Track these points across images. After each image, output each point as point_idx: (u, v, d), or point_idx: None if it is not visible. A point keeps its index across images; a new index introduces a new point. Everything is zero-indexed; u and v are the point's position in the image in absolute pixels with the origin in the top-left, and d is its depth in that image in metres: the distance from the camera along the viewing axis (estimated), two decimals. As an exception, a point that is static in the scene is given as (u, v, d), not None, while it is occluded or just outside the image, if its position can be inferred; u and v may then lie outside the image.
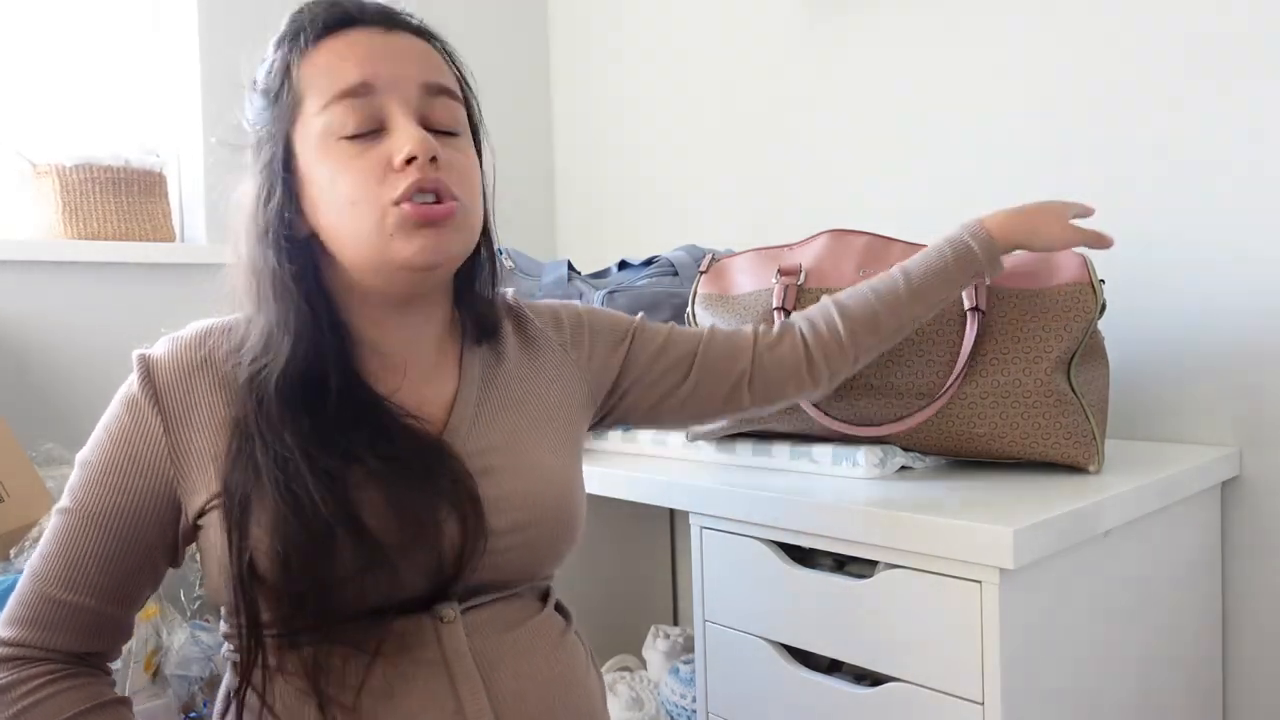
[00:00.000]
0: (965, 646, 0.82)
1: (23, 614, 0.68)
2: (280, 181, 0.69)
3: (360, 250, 0.68)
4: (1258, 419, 1.16)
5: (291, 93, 0.69)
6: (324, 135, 0.68)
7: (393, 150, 0.67)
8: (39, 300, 1.49)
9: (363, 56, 0.68)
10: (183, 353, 0.71)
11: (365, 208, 0.67)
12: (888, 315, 0.92)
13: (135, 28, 1.69)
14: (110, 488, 0.69)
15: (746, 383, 0.91)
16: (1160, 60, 1.22)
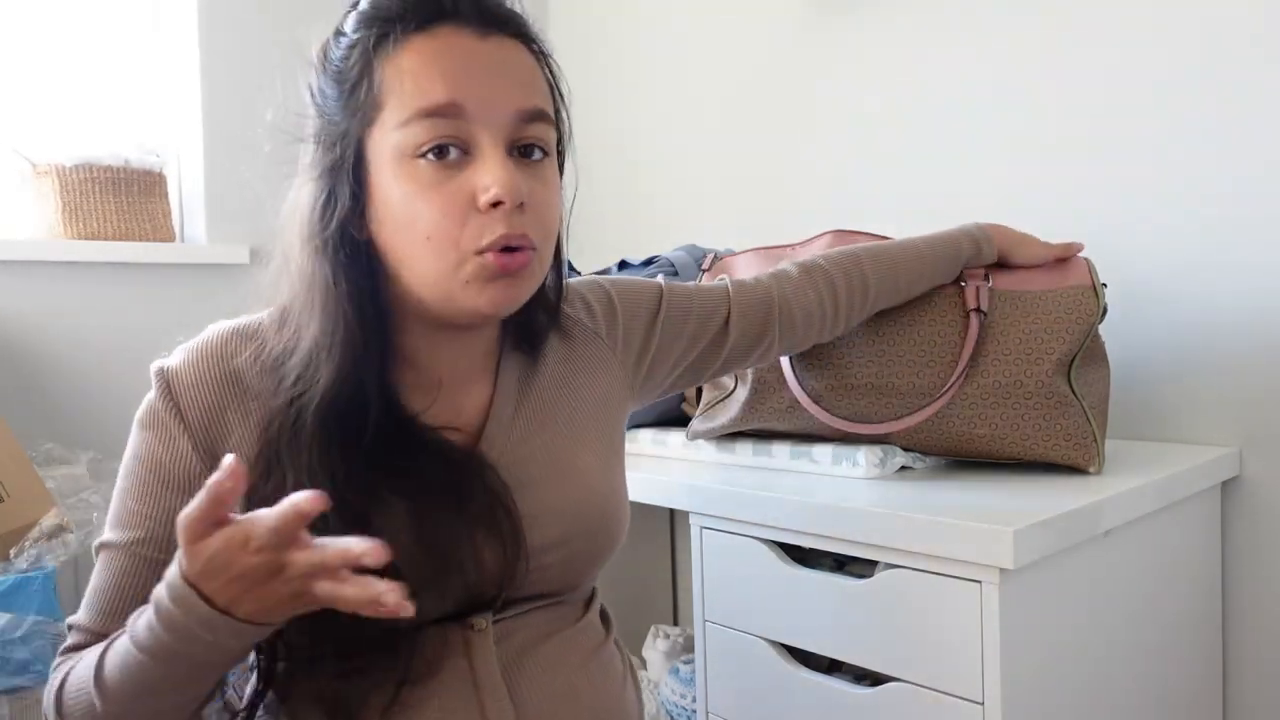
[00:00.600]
0: (965, 646, 0.82)
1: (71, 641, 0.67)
2: (349, 189, 0.63)
3: (428, 285, 0.64)
4: (1258, 419, 1.16)
5: (372, 92, 0.62)
6: (402, 151, 0.62)
7: (477, 185, 0.61)
8: (39, 300, 1.49)
9: (454, 70, 0.61)
10: (203, 362, 0.66)
11: (443, 248, 0.62)
12: (904, 284, 0.99)
13: (135, 28, 1.69)
14: (146, 516, 0.65)
15: (776, 337, 0.92)
16: (1160, 63, 1.22)
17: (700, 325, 0.87)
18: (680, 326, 0.86)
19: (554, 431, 0.74)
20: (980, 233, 1.04)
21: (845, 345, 1.05)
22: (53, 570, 1.15)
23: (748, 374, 1.10)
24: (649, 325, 0.85)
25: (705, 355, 0.89)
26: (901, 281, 0.99)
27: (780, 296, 0.92)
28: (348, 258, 0.64)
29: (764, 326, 0.91)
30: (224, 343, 0.67)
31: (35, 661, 1.10)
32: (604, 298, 0.84)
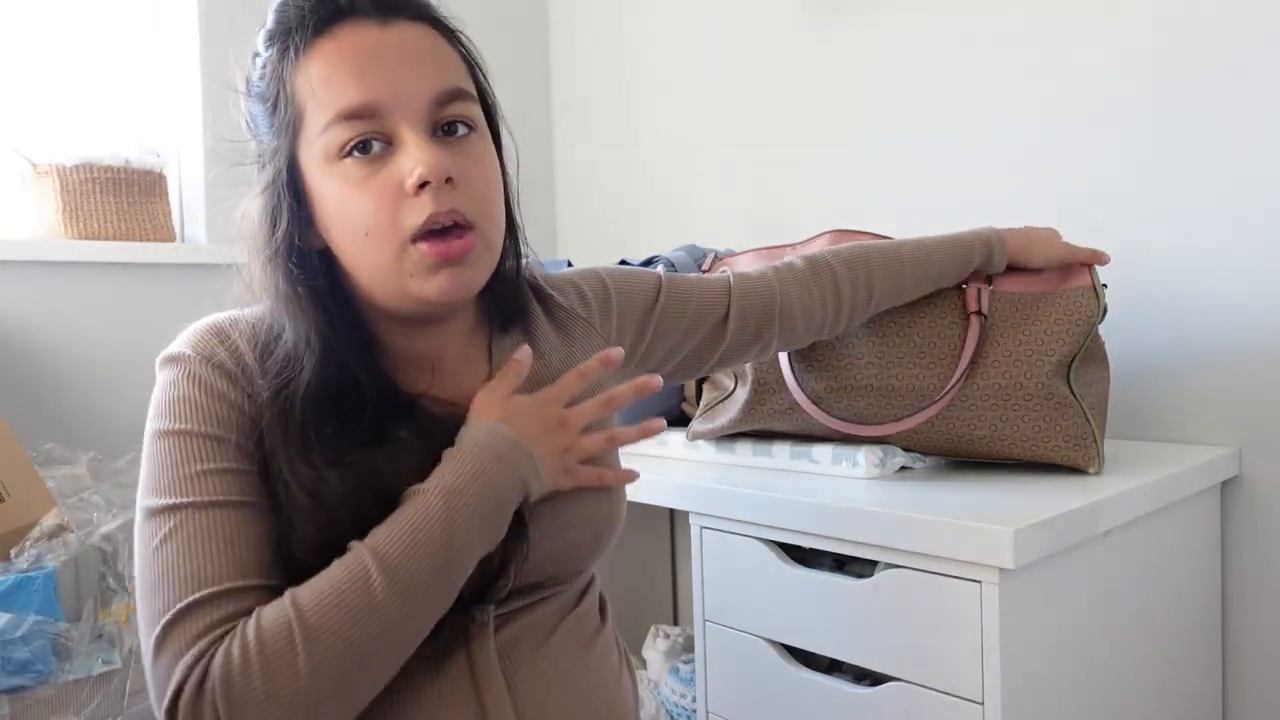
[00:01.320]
0: (965, 646, 0.82)
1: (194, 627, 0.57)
2: (287, 203, 0.64)
3: (377, 281, 0.64)
4: (1258, 419, 1.16)
5: (290, 106, 0.63)
6: (328, 155, 0.62)
7: (403, 171, 0.61)
8: (39, 300, 1.49)
9: (362, 66, 0.61)
10: (208, 334, 0.67)
11: (381, 240, 0.62)
12: (909, 288, 1.00)
13: (135, 28, 1.69)
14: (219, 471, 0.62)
15: (775, 334, 0.92)
16: (1160, 64, 1.22)
17: (698, 318, 0.87)
18: (678, 318, 0.86)
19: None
20: (996, 239, 1.02)
21: (845, 346, 1.05)
22: (53, 570, 1.14)
23: (748, 375, 1.10)
24: (645, 315, 0.85)
25: (702, 348, 0.89)
26: (907, 284, 0.99)
27: (782, 293, 0.91)
28: (298, 268, 0.64)
29: (763, 322, 0.91)
30: (217, 323, 0.69)
31: (35, 661, 1.10)
32: (599, 287, 0.83)
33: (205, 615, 0.57)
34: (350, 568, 0.58)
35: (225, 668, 0.55)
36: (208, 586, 0.58)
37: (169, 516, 0.60)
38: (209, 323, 0.69)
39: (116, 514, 1.25)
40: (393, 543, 0.59)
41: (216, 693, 0.54)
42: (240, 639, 0.56)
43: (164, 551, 0.59)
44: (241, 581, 0.59)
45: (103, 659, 1.18)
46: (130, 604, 1.24)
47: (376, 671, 0.59)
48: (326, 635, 0.56)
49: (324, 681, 0.55)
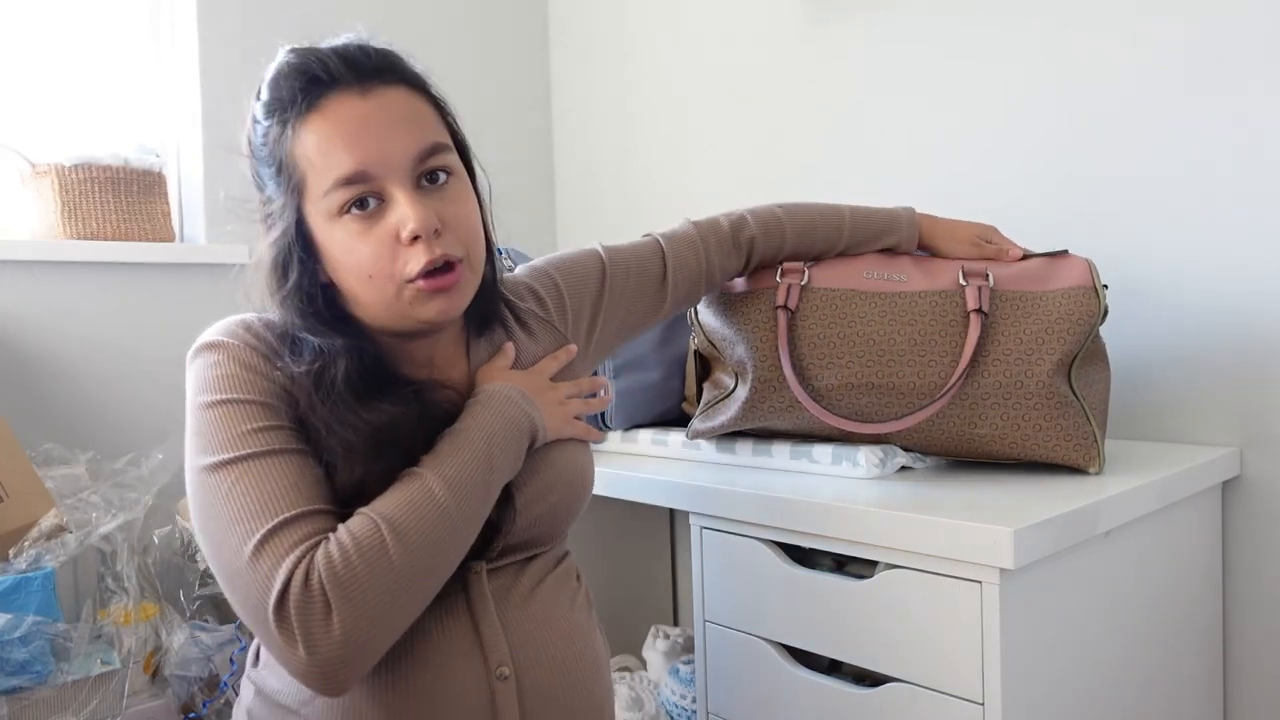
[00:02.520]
0: (965, 646, 0.82)
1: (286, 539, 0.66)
2: (298, 254, 0.73)
3: (380, 314, 0.75)
4: (1258, 419, 1.16)
5: (294, 172, 0.73)
6: (330, 213, 0.72)
7: (398, 225, 0.71)
8: (39, 300, 1.49)
9: (350, 136, 0.71)
10: (239, 327, 0.75)
11: (381, 282, 0.73)
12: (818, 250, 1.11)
13: (135, 28, 1.69)
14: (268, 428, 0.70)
15: (701, 295, 1.06)
16: (1160, 65, 1.22)
17: (640, 290, 0.98)
18: (621, 294, 0.97)
19: None
20: (906, 214, 1.13)
21: (846, 344, 1.05)
22: (52, 571, 1.14)
23: (748, 373, 1.10)
24: (596, 299, 0.95)
25: (647, 310, 1.00)
26: (816, 247, 1.11)
27: (708, 262, 1.04)
28: (307, 303, 0.75)
29: (693, 288, 1.03)
30: (245, 319, 0.77)
31: (34, 662, 1.10)
32: (551, 286, 0.93)
33: (295, 531, 0.65)
34: (415, 485, 0.70)
35: (328, 562, 0.64)
36: (290, 510, 0.66)
37: (233, 468, 0.68)
38: (237, 319, 0.77)
39: (115, 514, 1.25)
40: (447, 464, 0.72)
41: (325, 582, 0.63)
42: (336, 542, 0.65)
43: (237, 492, 0.67)
44: (317, 506, 0.68)
45: (101, 659, 1.18)
46: (129, 604, 1.24)
47: (447, 561, 0.71)
48: (410, 534, 0.67)
49: (411, 569, 0.66)
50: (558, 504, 0.84)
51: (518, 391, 0.80)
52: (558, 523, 0.85)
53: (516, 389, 0.81)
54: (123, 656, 1.19)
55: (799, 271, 1.10)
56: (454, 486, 0.71)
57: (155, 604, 1.28)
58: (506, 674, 0.75)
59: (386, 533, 0.66)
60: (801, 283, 1.09)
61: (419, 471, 0.71)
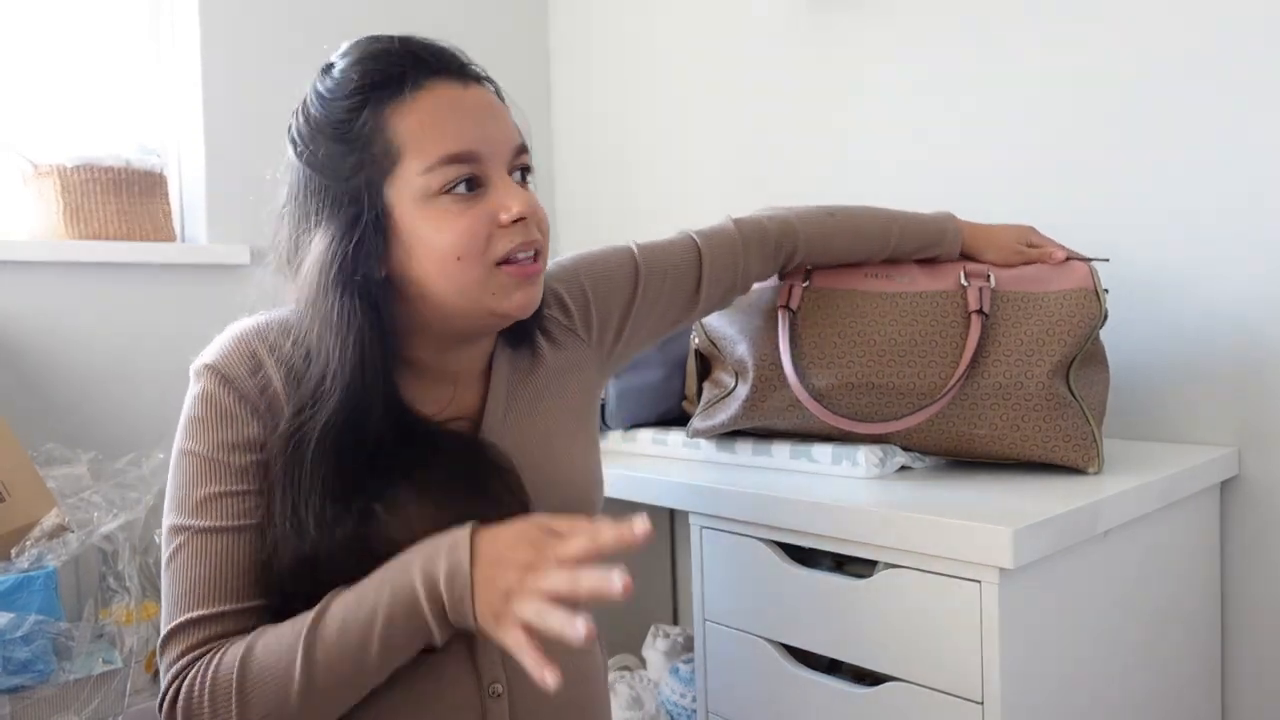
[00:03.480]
0: (965, 646, 0.82)
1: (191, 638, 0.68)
2: (374, 234, 0.70)
3: (460, 301, 0.72)
4: (1258, 419, 1.16)
5: (388, 148, 0.70)
6: (427, 192, 0.70)
7: (498, 208, 0.71)
8: (39, 300, 1.49)
9: (462, 121, 0.71)
10: (242, 347, 0.74)
11: (471, 264, 0.71)
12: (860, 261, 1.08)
13: (135, 28, 1.69)
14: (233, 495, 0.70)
15: (737, 289, 1.01)
16: (1160, 66, 1.22)
17: (672, 298, 0.95)
18: (657, 294, 0.94)
19: (539, 424, 0.83)
20: (954, 233, 1.10)
21: (848, 344, 1.05)
22: (53, 570, 1.15)
23: (749, 372, 1.10)
24: (626, 305, 0.92)
25: (679, 314, 0.97)
26: (855, 250, 1.07)
27: (745, 267, 1.00)
28: (367, 296, 0.71)
29: (726, 296, 1.01)
30: (256, 332, 0.75)
31: (36, 661, 1.10)
32: (578, 293, 0.90)
33: (189, 636, 0.68)
34: (290, 647, 0.66)
35: (188, 695, 0.66)
36: (197, 609, 0.68)
37: (176, 535, 0.70)
38: (242, 337, 0.75)
39: (117, 514, 1.25)
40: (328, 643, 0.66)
41: (179, 712, 0.67)
42: (202, 674, 0.66)
43: (172, 568, 0.70)
44: (227, 606, 0.69)
45: (103, 659, 1.18)
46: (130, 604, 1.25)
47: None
48: (252, 704, 0.66)
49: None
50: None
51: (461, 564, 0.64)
52: None
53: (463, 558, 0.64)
54: (124, 656, 1.19)
55: (801, 271, 1.10)
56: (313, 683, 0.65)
57: (157, 603, 1.28)
58: (500, 691, 0.74)
59: (234, 692, 0.65)
60: (803, 283, 1.09)
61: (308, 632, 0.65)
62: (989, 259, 1.09)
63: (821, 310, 1.07)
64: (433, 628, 0.66)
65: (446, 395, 0.79)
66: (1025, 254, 1.08)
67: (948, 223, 1.10)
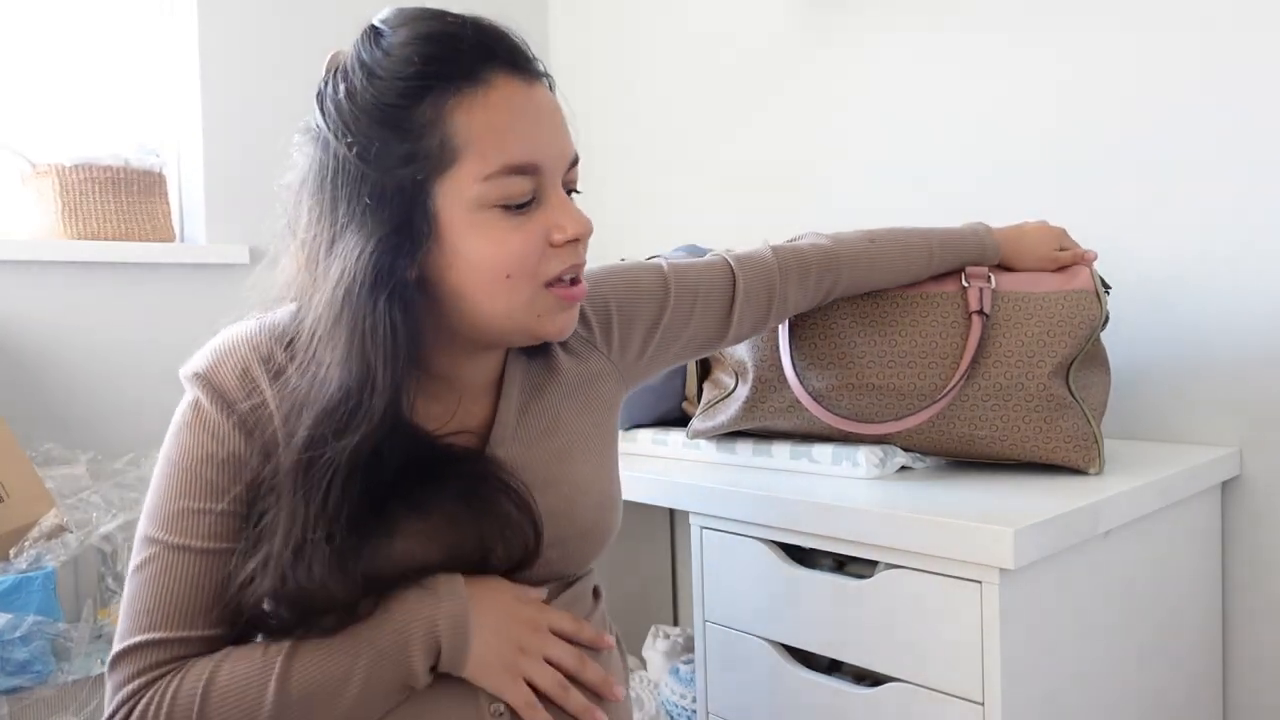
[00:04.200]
0: (965, 646, 0.82)
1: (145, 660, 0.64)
2: (418, 238, 0.63)
3: (501, 320, 0.67)
4: (1258, 419, 1.16)
5: (446, 145, 0.63)
6: (481, 202, 0.64)
7: (552, 225, 0.66)
8: (39, 300, 1.49)
9: (529, 127, 0.65)
10: (233, 357, 0.68)
11: (520, 284, 0.66)
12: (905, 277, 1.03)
13: (135, 28, 1.69)
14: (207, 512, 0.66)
15: (772, 317, 0.96)
16: (1159, 67, 1.22)
17: (705, 310, 0.90)
18: (686, 315, 0.88)
19: (555, 441, 0.77)
20: (991, 244, 1.06)
21: (848, 345, 1.05)
22: (52, 570, 1.14)
23: (749, 373, 1.10)
24: (652, 322, 0.87)
25: (709, 338, 0.92)
26: (897, 282, 1.04)
27: (782, 293, 0.94)
28: (403, 303, 0.64)
29: (759, 322, 0.95)
30: (248, 340, 0.69)
31: (35, 661, 1.10)
32: (601, 307, 0.85)
33: (146, 657, 0.64)
34: (261, 676, 0.63)
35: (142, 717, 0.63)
36: (155, 630, 0.64)
37: (146, 546, 0.66)
38: (234, 344, 0.69)
39: (116, 514, 1.25)
40: (304, 678, 0.63)
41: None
42: (158, 699, 0.63)
43: (136, 580, 0.66)
44: (185, 632, 0.65)
45: (101, 659, 1.17)
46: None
47: None
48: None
49: None
50: (575, 550, 0.76)
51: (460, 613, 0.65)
52: (573, 566, 0.77)
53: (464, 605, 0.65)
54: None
55: None
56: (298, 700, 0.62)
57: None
58: (501, 710, 0.69)
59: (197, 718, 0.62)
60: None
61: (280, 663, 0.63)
62: (1025, 268, 1.06)
63: (821, 311, 1.07)
64: (418, 670, 0.64)
65: (452, 406, 0.73)
66: (1059, 259, 1.05)
67: (986, 237, 1.05)
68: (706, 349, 0.94)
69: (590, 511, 0.76)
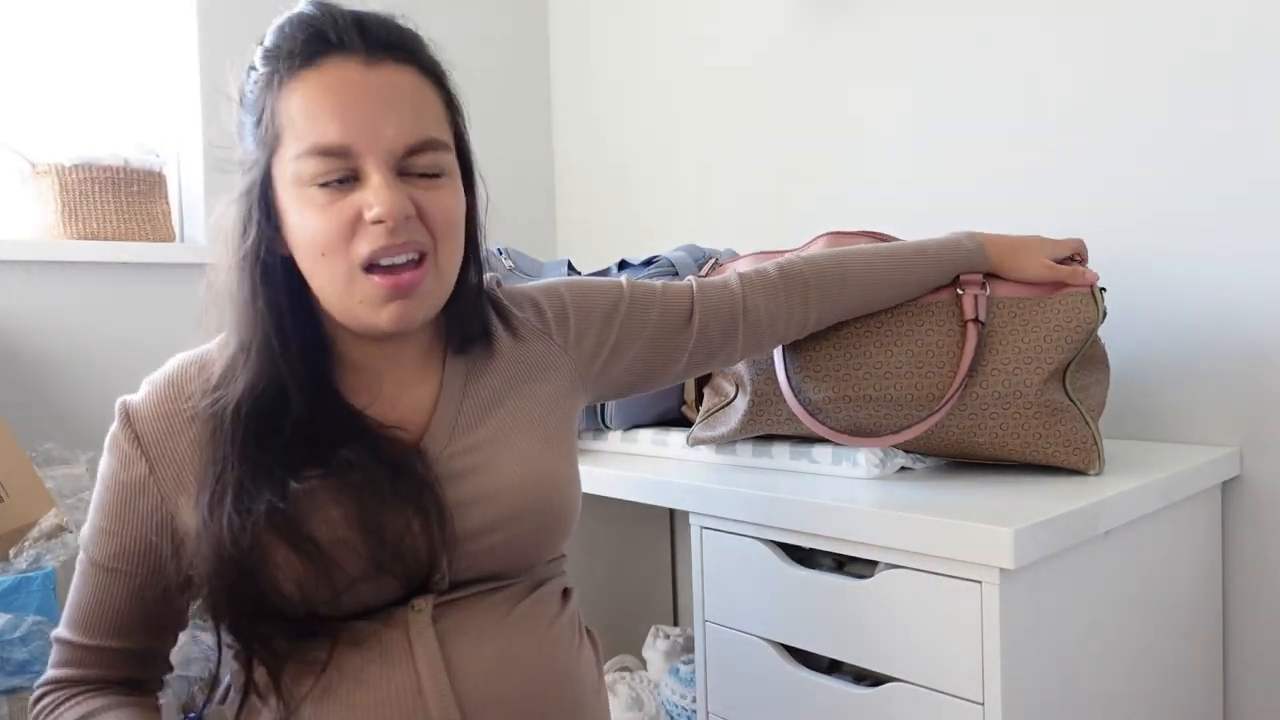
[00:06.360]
0: (965, 646, 0.82)
1: (59, 655, 0.75)
2: (258, 214, 0.69)
3: (330, 301, 0.70)
4: (1258, 419, 1.16)
5: (271, 126, 0.67)
6: (298, 179, 0.67)
7: (362, 204, 0.66)
8: (39, 300, 1.49)
9: (341, 107, 0.65)
10: (158, 394, 0.73)
11: (335, 261, 0.67)
12: (880, 301, 1.01)
13: (135, 28, 1.69)
14: (113, 534, 0.72)
15: (740, 344, 0.94)
16: (1159, 65, 1.22)
17: (660, 327, 0.89)
18: (639, 326, 0.88)
19: (497, 423, 0.77)
20: (978, 253, 1.01)
21: (843, 356, 1.04)
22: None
23: (747, 383, 1.10)
24: (604, 325, 0.87)
25: (666, 355, 0.91)
26: (878, 298, 1.00)
27: (748, 303, 0.93)
28: (264, 273, 0.69)
29: (728, 330, 0.93)
30: (180, 374, 0.74)
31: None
32: (557, 301, 0.86)
33: (61, 652, 0.74)
34: None
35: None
36: (70, 630, 0.74)
37: (80, 553, 0.74)
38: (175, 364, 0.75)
39: (116, 514, 1.25)
40: None
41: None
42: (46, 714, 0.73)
43: (73, 580, 0.75)
44: (92, 640, 0.73)
45: (102, 659, 1.17)
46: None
47: None
48: None
49: None
50: (520, 535, 0.74)
51: None
52: (521, 555, 0.75)
53: None
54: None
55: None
56: None
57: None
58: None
59: None
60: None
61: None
62: (1018, 279, 1.01)
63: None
64: None
65: (391, 390, 0.75)
66: (1056, 272, 0.99)
67: (976, 255, 1.00)
68: (672, 362, 0.91)
69: (533, 489, 0.74)
